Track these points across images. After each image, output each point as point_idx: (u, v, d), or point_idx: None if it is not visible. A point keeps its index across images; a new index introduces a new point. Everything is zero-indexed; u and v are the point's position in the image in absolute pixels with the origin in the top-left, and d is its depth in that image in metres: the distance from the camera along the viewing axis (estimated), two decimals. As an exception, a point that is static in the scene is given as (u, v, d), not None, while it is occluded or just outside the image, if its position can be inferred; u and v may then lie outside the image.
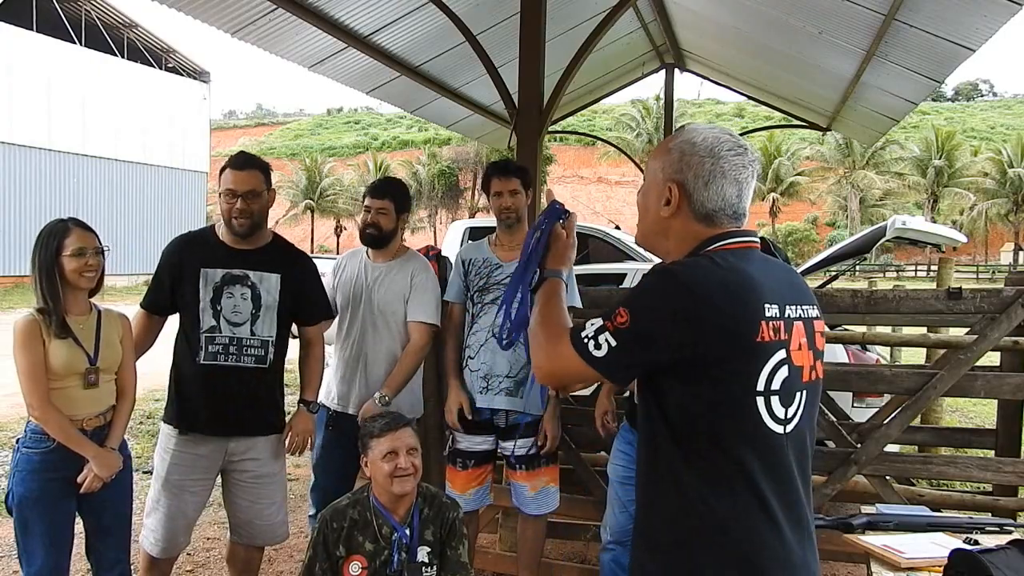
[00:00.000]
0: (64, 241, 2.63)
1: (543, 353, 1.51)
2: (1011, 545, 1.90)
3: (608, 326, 1.41)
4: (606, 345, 1.41)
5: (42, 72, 27.12)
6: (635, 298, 1.42)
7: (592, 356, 1.42)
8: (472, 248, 3.47)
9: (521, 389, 3.22)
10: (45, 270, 2.63)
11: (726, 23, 7.73)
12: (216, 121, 68.29)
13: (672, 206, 1.49)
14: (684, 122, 33.32)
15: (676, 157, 1.50)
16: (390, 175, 52.24)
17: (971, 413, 8.60)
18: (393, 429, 2.61)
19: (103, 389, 2.72)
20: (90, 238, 2.68)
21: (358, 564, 2.59)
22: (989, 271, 41.21)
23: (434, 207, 54.27)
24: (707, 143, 1.48)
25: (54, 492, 2.63)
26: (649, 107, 52.00)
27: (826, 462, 3.32)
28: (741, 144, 1.50)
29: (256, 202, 2.94)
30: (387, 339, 3.33)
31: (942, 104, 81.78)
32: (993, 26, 4.25)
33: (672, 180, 1.49)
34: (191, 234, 3.13)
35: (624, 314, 1.39)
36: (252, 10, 5.44)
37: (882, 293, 3.36)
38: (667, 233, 1.53)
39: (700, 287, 1.37)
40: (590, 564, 3.96)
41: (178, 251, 3.00)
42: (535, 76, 4.96)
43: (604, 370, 1.43)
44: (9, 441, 6.71)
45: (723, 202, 1.47)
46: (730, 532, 1.38)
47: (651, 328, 1.38)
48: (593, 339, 1.42)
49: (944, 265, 6.88)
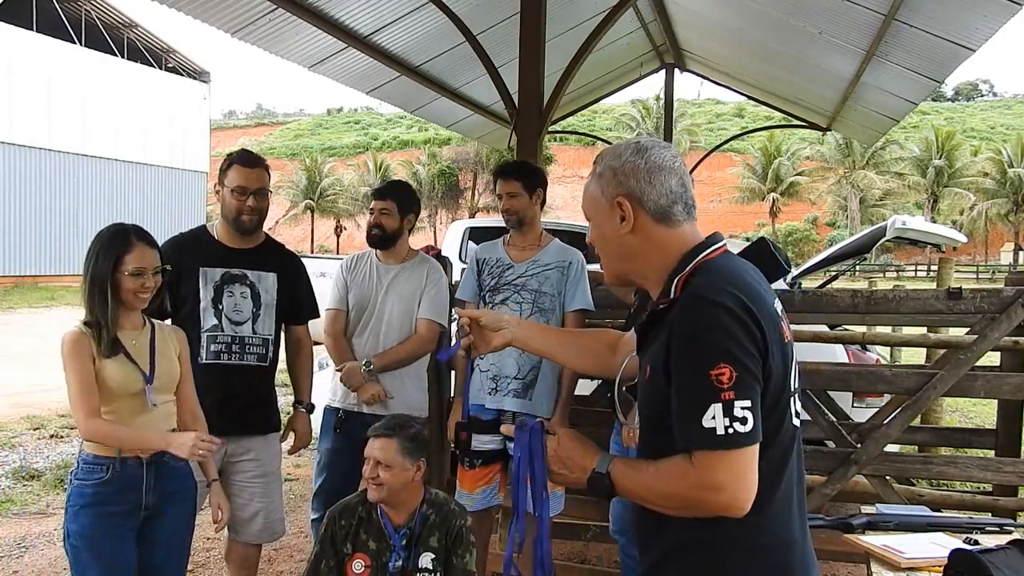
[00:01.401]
0: (124, 257, 2.36)
1: (709, 495, 1.31)
2: (1011, 545, 1.90)
3: (726, 396, 1.28)
4: (746, 412, 1.28)
5: (42, 72, 27.14)
6: (711, 347, 1.30)
7: (745, 435, 1.28)
8: (488, 247, 3.47)
9: (529, 391, 3.24)
10: (98, 284, 2.37)
11: (726, 23, 7.73)
12: (216, 121, 68.26)
13: (629, 219, 1.47)
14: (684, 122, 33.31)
15: (609, 175, 1.49)
16: (393, 177, 52.36)
17: (971, 413, 8.60)
18: (373, 436, 2.58)
19: (161, 411, 2.47)
20: (151, 256, 2.42)
21: (361, 562, 2.59)
22: (989, 271, 41.19)
23: (434, 207, 54.23)
24: (630, 148, 1.50)
25: (111, 530, 2.38)
26: (649, 107, 52.02)
27: (826, 462, 3.32)
28: (659, 141, 1.53)
29: (265, 200, 3.00)
30: (401, 339, 3.33)
31: (942, 104, 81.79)
32: (993, 26, 4.25)
33: (616, 196, 1.48)
34: (184, 235, 3.08)
35: (726, 368, 1.28)
36: (252, 10, 5.44)
37: (882, 293, 3.36)
38: (635, 253, 1.50)
39: (740, 301, 1.34)
40: (590, 564, 3.96)
41: (173, 252, 2.87)
42: (535, 76, 4.96)
43: (759, 436, 1.31)
44: (9, 441, 6.72)
45: (672, 194, 1.47)
46: (765, 532, 1.38)
47: (751, 361, 1.31)
48: (733, 421, 1.28)
49: (944, 265, 6.88)
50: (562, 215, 52.41)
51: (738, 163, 54.43)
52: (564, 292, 3.29)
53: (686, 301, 1.38)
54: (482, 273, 3.38)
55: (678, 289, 1.43)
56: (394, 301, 3.34)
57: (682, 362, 1.34)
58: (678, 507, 1.37)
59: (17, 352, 12.07)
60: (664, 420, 1.41)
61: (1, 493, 5.31)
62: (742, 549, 1.38)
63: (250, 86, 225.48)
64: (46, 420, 7.48)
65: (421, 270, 3.40)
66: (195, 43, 74.17)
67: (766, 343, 1.34)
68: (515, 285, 3.28)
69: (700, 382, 1.29)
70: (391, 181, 3.77)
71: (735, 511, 1.31)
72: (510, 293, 3.28)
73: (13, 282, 26.16)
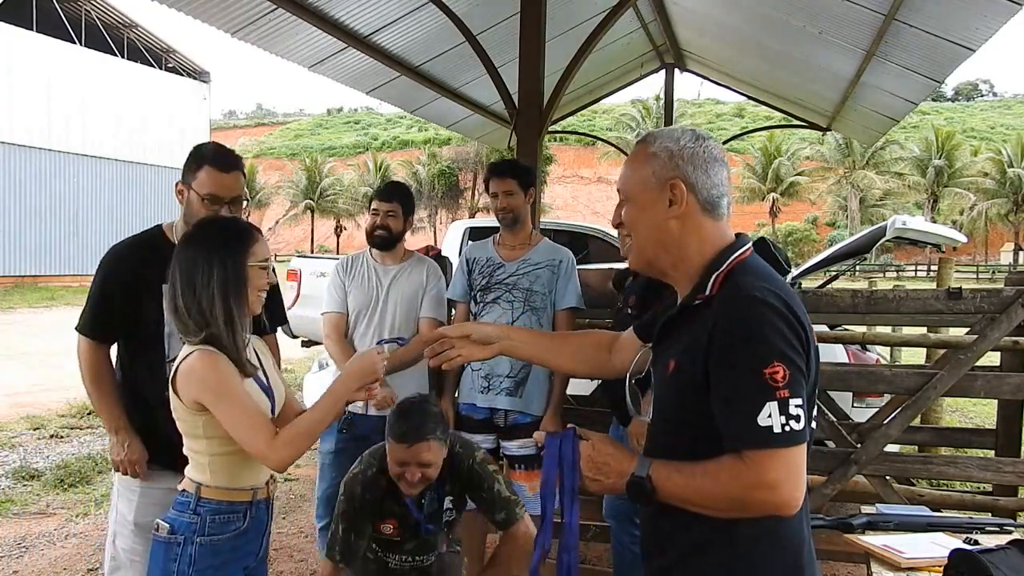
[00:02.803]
0: (252, 249, 1.96)
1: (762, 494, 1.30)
2: (1011, 545, 1.90)
3: (781, 394, 1.27)
4: (799, 410, 1.28)
5: (42, 72, 27.16)
6: (764, 346, 1.30)
7: (800, 432, 1.29)
8: (477, 247, 3.49)
9: (521, 389, 3.25)
10: (231, 283, 1.91)
11: (726, 23, 7.73)
12: (216, 121, 68.28)
13: (679, 203, 1.44)
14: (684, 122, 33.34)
15: (666, 157, 1.46)
16: (393, 178, 52.16)
17: (971, 413, 8.60)
18: (412, 442, 2.44)
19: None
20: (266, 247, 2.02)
21: (390, 525, 2.65)
22: (989, 271, 41.20)
23: (434, 207, 54.25)
24: (688, 135, 1.48)
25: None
26: (649, 107, 52.05)
27: (826, 462, 3.32)
28: (707, 132, 1.53)
29: (239, 209, 2.43)
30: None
31: (942, 104, 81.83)
32: (993, 26, 4.24)
33: (670, 178, 1.45)
34: (136, 240, 2.51)
35: (780, 367, 1.28)
36: (252, 10, 5.44)
37: (882, 293, 3.36)
38: (673, 240, 1.47)
39: (785, 302, 1.34)
40: (590, 564, 3.96)
41: (128, 262, 2.42)
42: (535, 76, 4.96)
43: (810, 433, 1.32)
44: (9, 441, 6.71)
45: (722, 186, 1.47)
46: (782, 531, 1.39)
47: (800, 359, 1.32)
48: (788, 419, 1.27)
49: (944, 265, 6.87)
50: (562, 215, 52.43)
51: (738, 163, 54.43)
52: (555, 291, 3.30)
53: (733, 299, 1.36)
54: (473, 273, 3.40)
55: (716, 286, 1.41)
56: (396, 301, 3.35)
57: (734, 360, 1.31)
58: (727, 508, 1.34)
59: (17, 352, 12.08)
60: (682, 416, 1.41)
61: (1, 493, 5.31)
62: (760, 548, 1.38)
63: (250, 86, 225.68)
64: (46, 420, 7.48)
65: (420, 270, 3.42)
66: (195, 43, 74.15)
67: (808, 343, 1.35)
68: (506, 284, 3.30)
69: (756, 381, 1.28)
70: (393, 182, 3.76)
71: (788, 509, 1.30)
72: (501, 292, 3.30)
73: (13, 282, 26.17)
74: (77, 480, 5.56)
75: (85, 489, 5.42)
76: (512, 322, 3.25)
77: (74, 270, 28.81)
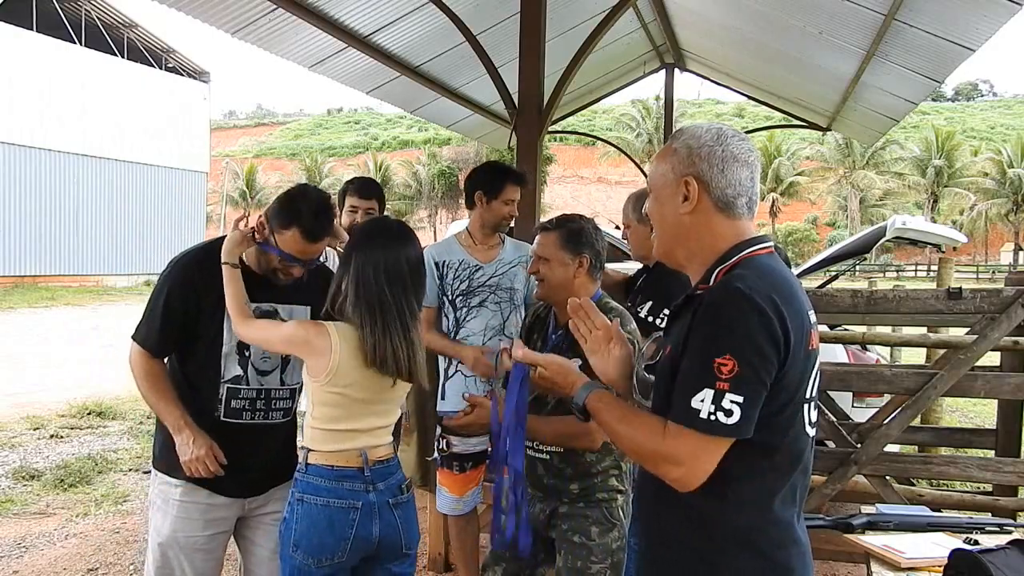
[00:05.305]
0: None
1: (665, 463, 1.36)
2: (1011, 545, 1.90)
3: (721, 385, 1.30)
4: (736, 407, 1.30)
5: (42, 72, 27.14)
6: (726, 337, 1.32)
7: (726, 426, 1.31)
8: (443, 250, 3.34)
9: None
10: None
11: (726, 23, 7.73)
12: (216, 121, 68.26)
13: (692, 200, 1.48)
14: (684, 122, 33.38)
15: (685, 154, 1.50)
16: (393, 177, 51.43)
17: (971, 413, 8.59)
18: (537, 231, 2.54)
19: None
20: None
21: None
22: (989, 271, 41.18)
23: (434, 207, 54.27)
24: (711, 133, 1.51)
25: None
26: (649, 107, 52.00)
27: (826, 462, 3.32)
28: (738, 132, 1.54)
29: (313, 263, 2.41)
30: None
31: (942, 104, 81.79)
32: (993, 26, 4.24)
33: (686, 175, 1.48)
34: (202, 253, 2.37)
35: (730, 361, 1.30)
36: (252, 10, 5.44)
37: (882, 293, 3.36)
38: (687, 235, 1.51)
39: (774, 303, 1.34)
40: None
41: (193, 276, 2.32)
42: (535, 76, 4.96)
43: (743, 433, 1.32)
44: (9, 441, 6.71)
45: (740, 186, 1.48)
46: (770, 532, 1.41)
47: (760, 362, 1.31)
48: (719, 410, 1.30)
49: (944, 265, 6.88)
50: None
51: (738, 163, 54.34)
52: (527, 285, 3.29)
53: (720, 287, 1.41)
54: (445, 277, 3.27)
55: (717, 278, 1.45)
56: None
57: (696, 342, 1.36)
58: (635, 457, 1.46)
59: (17, 352, 12.07)
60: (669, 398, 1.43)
61: (1, 493, 5.31)
62: (748, 549, 1.40)
63: (250, 86, 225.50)
64: (46, 420, 7.48)
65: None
66: (195, 43, 74.16)
67: (788, 348, 1.34)
68: (489, 286, 3.27)
69: (702, 365, 1.33)
70: (364, 178, 3.61)
71: (681, 487, 1.37)
72: (487, 295, 3.26)
73: (13, 282, 26.15)
74: (77, 480, 5.56)
75: (85, 489, 5.42)
76: (503, 322, 3.24)
77: (74, 270, 28.82)
